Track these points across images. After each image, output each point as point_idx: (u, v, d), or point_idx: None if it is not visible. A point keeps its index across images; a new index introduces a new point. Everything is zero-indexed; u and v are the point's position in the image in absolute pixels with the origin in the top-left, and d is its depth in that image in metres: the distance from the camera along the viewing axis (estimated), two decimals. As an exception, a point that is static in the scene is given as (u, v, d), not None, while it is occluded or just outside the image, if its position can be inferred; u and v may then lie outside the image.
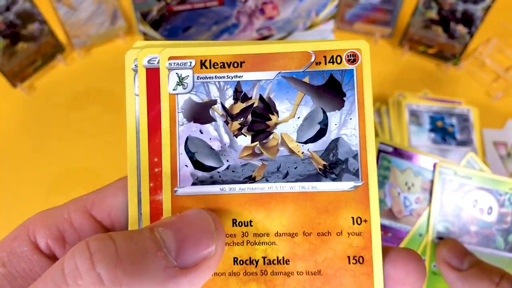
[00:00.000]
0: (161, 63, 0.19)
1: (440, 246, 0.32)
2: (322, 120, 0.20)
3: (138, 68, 0.19)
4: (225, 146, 0.19)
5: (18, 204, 0.53)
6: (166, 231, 0.17)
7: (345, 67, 0.20)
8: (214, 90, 0.19)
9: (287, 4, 0.40)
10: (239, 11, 0.39)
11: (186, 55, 0.19)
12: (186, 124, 0.19)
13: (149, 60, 0.19)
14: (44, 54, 0.60)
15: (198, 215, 0.18)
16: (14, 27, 0.56)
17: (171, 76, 0.19)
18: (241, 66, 0.19)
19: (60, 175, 0.55)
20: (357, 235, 0.19)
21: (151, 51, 0.19)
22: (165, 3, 0.37)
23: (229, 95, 0.19)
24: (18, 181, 0.55)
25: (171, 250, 0.16)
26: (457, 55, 0.61)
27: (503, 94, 0.60)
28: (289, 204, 0.19)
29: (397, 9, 0.61)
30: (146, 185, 0.19)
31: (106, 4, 0.60)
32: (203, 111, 0.19)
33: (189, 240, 0.17)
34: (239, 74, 0.19)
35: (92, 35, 0.62)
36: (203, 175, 0.19)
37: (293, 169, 0.20)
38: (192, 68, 0.19)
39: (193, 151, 0.19)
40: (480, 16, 0.57)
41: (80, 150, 0.57)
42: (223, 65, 0.19)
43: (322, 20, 0.42)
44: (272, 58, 0.19)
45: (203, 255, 0.17)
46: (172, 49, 0.19)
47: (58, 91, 0.61)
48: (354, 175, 0.19)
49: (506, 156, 0.56)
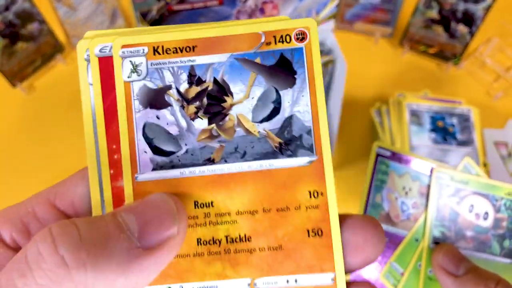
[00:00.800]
0: (114, 52, 0.19)
1: (436, 251, 0.32)
2: (275, 99, 0.20)
3: (90, 58, 0.19)
4: (183, 130, 0.20)
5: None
6: (129, 215, 0.17)
7: (295, 46, 0.20)
8: (168, 76, 0.19)
9: (287, 3, 0.40)
10: (239, 11, 0.39)
11: (138, 43, 0.19)
12: (143, 110, 0.19)
13: (100, 49, 0.19)
14: (44, 54, 0.60)
15: (159, 199, 0.18)
16: (13, 26, 0.56)
17: (125, 64, 0.19)
18: (194, 50, 0.19)
19: (60, 174, 0.55)
20: (314, 208, 0.20)
21: (102, 40, 0.19)
22: (165, 3, 0.37)
23: (184, 80, 0.20)
24: (18, 181, 0.55)
25: (134, 232, 0.17)
26: (458, 55, 0.61)
27: (504, 94, 0.60)
28: (248, 183, 0.20)
29: (397, 8, 0.61)
30: (106, 173, 0.20)
31: (105, 4, 0.60)
32: (158, 97, 0.19)
33: (151, 222, 0.17)
34: (192, 58, 0.20)
35: (92, 35, 0.62)
36: (162, 160, 0.19)
37: (250, 149, 0.20)
38: (145, 55, 0.19)
39: (151, 137, 0.19)
40: (481, 16, 0.57)
41: (80, 150, 0.57)
42: (175, 50, 0.19)
43: (322, 19, 0.42)
44: (224, 41, 0.20)
45: (166, 235, 0.17)
46: (125, 37, 0.19)
47: (57, 91, 0.61)
48: (309, 150, 0.20)
49: (507, 156, 0.56)
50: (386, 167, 0.39)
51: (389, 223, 0.38)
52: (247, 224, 0.20)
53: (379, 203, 0.39)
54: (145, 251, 0.17)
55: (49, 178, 0.55)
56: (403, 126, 0.53)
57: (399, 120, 0.54)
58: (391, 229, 0.37)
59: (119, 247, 0.16)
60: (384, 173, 0.39)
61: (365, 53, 0.64)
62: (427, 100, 0.55)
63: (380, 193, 0.39)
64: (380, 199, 0.39)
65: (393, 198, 0.38)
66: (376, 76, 0.62)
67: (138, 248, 0.16)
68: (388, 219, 0.38)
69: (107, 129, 0.20)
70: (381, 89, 0.60)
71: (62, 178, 0.62)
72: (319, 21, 0.42)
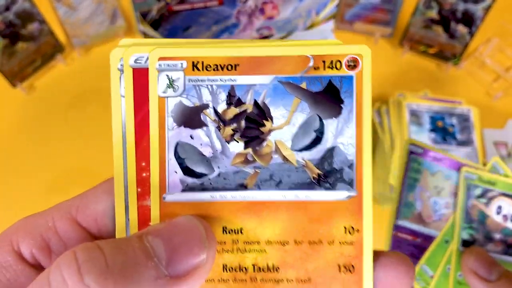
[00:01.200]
0: (151, 64, 0.18)
1: (467, 254, 0.31)
2: (318, 128, 0.19)
3: (124, 68, 0.18)
4: (217, 152, 0.19)
5: (17, 204, 0.53)
6: (156, 239, 0.16)
7: (345, 73, 0.19)
8: (206, 94, 0.18)
9: (287, 3, 0.40)
10: (239, 11, 0.39)
11: (177, 56, 0.18)
12: (176, 129, 0.18)
13: (136, 59, 0.18)
14: (44, 54, 0.60)
15: (188, 223, 0.17)
16: (13, 26, 0.56)
17: (161, 78, 0.18)
18: (235, 69, 0.18)
19: (60, 174, 0.55)
20: (348, 244, 0.19)
21: (138, 49, 0.18)
22: (165, 3, 0.37)
23: (222, 100, 0.18)
24: (18, 181, 0.55)
25: (161, 259, 0.16)
26: (458, 55, 0.61)
27: (504, 94, 0.60)
28: (281, 212, 0.19)
29: (397, 9, 0.61)
30: (133, 191, 0.19)
31: (105, 4, 0.60)
32: (194, 116, 0.18)
33: (180, 249, 0.16)
34: (233, 77, 0.18)
35: (92, 35, 0.62)
36: (193, 181, 0.19)
37: (286, 177, 0.19)
38: (183, 70, 0.18)
39: (183, 157, 0.18)
40: (481, 16, 0.57)
41: (80, 150, 0.57)
42: (216, 67, 0.18)
43: (322, 20, 0.42)
44: (269, 62, 0.18)
45: (194, 263, 0.17)
46: (163, 49, 0.18)
47: (57, 91, 0.61)
48: (349, 184, 0.19)
49: (507, 156, 0.56)
50: (419, 165, 0.38)
51: (421, 224, 0.37)
52: (276, 254, 0.19)
53: (412, 202, 0.38)
54: (172, 279, 0.16)
55: (49, 178, 0.55)
56: (403, 126, 0.53)
57: (399, 120, 0.54)
58: (422, 230, 0.37)
59: (147, 276, 0.15)
60: (417, 171, 0.38)
61: (365, 53, 0.64)
62: (427, 100, 0.55)
63: (413, 192, 0.38)
64: (413, 198, 0.38)
65: (425, 197, 0.38)
66: (376, 76, 0.62)
67: (166, 276, 0.16)
68: (420, 219, 0.38)
69: (137, 145, 0.19)
70: (381, 89, 0.60)
71: (62, 178, 0.62)
72: (319, 21, 0.42)
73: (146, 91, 0.18)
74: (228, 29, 0.41)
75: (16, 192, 0.54)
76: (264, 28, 0.41)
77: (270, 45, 0.19)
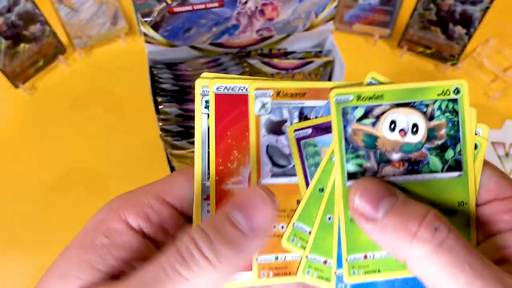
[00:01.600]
0: (250, 91, 0.26)
1: (351, 191, 0.26)
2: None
3: (210, 94, 0.26)
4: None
5: (20, 203, 0.54)
6: (235, 212, 0.22)
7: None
8: (285, 113, 0.26)
9: (286, 5, 0.40)
10: (239, 12, 0.40)
11: (267, 87, 0.26)
12: (266, 136, 0.26)
13: (217, 87, 0.26)
14: (46, 55, 0.61)
15: (254, 192, 0.23)
16: (16, 28, 0.56)
17: (257, 102, 0.26)
18: (304, 96, 0.26)
19: (62, 174, 0.55)
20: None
21: (219, 81, 0.26)
22: (166, 4, 0.38)
23: (295, 116, 0.27)
24: (20, 181, 0.55)
25: (243, 224, 0.22)
26: (456, 55, 0.61)
27: (501, 94, 0.61)
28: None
29: (396, 10, 0.62)
30: (213, 178, 0.25)
31: (107, 5, 0.60)
32: (278, 127, 0.26)
33: (253, 213, 0.22)
34: (302, 101, 0.26)
35: (93, 36, 0.62)
36: (277, 170, 0.26)
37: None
38: (270, 96, 0.26)
39: (271, 154, 0.26)
40: (479, 17, 0.57)
41: (81, 150, 0.57)
42: (291, 95, 0.26)
43: (321, 21, 0.42)
44: (325, 91, 0.26)
45: (266, 220, 0.22)
46: (257, 83, 0.26)
47: (59, 92, 0.62)
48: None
49: (505, 156, 0.57)
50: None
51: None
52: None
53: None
54: (252, 236, 0.21)
55: (51, 178, 0.55)
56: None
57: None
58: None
59: (239, 239, 0.21)
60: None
61: (364, 54, 0.65)
62: (425, 100, 0.56)
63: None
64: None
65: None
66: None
67: (248, 235, 0.21)
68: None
69: (217, 146, 0.26)
70: (379, 90, 0.61)
71: (63, 178, 0.62)
72: (318, 22, 0.43)
73: (225, 110, 0.26)
74: (228, 30, 0.41)
75: (18, 192, 0.54)
76: (264, 30, 0.42)
77: (323, 85, 0.26)
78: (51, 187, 0.55)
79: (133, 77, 0.58)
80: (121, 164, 0.56)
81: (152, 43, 0.41)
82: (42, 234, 0.52)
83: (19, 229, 0.52)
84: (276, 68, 0.45)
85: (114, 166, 0.56)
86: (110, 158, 0.56)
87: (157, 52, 0.42)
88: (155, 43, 0.41)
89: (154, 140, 0.48)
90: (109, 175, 0.55)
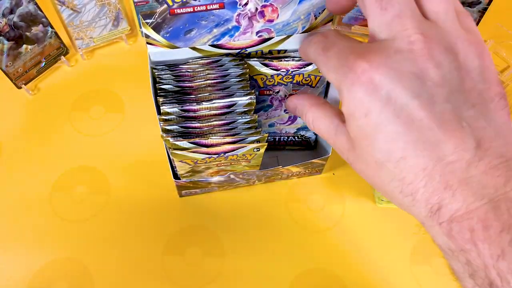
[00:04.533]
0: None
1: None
2: None
3: None
4: None
5: (22, 203, 0.54)
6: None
7: None
8: None
9: (286, 7, 0.41)
10: (240, 14, 0.40)
11: None
12: None
13: None
14: (48, 56, 0.61)
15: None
16: (18, 29, 0.57)
17: None
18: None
19: (64, 174, 0.56)
20: None
21: None
22: (167, 6, 0.38)
23: None
24: (22, 181, 0.56)
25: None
26: (454, 56, 0.61)
27: (499, 95, 0.61)
28: None
29: (394, 11, 0.62)
30: None
31: (109, 7, 0.61)
32: None
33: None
34: None
35: (96, 38, 0.63)
36: None
37: None
38: None
39: None
40: (476, 18, 0.58)
41: (83, 150, 0.58)
42: None
43: (321, 22, 0.43)
44: None
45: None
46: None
47: (62, 92, 0.62)
48: None
49: (502, 156, 0.57)
50: None
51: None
52: None
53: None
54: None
55: (53, 178, 0.56)
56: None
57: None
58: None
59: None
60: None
61: (363, 55, 0.65)
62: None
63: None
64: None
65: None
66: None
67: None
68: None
69: None
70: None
71: (66, 178, 0.62)
72: (317, 24, 0.43)
73: None
74: (229, 32, 0.42)
75: (20, 191, 0.55)
76: (264, 31, 0.43)
77: None
78: (53, 187, 0.55)
79: (135, 78, 0.59)
80: (123, 164, 0.57)
81: (154, 44, 0.41)
82: (43, 234, 0.52)
83: (22, 228, 0.52)
84: (276, 69, 0.46)
85: (116, 166, 0.56)
86: (112, 158, 0.57)
87: (159, 53, 0.43)
88: (156, 45, 0.41)
89: (155, 140, 0.49)
90: (111, 175, 0.56)
